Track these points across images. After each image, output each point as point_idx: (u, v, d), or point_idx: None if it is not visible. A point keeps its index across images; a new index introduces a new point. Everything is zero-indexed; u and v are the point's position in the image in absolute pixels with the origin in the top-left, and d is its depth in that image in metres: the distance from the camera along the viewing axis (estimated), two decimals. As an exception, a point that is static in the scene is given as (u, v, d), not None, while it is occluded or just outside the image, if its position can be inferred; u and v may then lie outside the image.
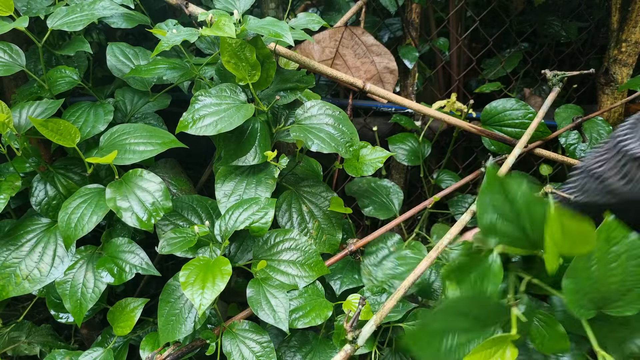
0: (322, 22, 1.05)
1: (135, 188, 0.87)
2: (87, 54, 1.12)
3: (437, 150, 1.65)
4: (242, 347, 0.89)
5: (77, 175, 1.00)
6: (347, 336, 0.77)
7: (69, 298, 0.91)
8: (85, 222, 0.85)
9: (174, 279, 0.91)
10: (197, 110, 0.90)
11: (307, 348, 0.95)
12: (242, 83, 0.92)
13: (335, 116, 0.97)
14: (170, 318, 0.88)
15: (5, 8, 0.88)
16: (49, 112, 0.93)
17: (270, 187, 0.95)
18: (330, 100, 1.40)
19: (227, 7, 0.99)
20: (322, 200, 1.06)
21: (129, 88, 1.10)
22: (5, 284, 0.92)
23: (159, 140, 0.90)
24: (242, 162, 0.95)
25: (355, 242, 1.06)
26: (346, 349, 0.77)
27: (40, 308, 1.32)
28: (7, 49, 0.95)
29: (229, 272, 0.80)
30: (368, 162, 1.05)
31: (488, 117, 1.26)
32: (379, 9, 1.53)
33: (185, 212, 1.00)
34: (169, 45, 0.89)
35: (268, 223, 0.90)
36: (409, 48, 1.40)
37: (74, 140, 0.87)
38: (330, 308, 0.90)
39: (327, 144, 0.93)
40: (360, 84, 1.14)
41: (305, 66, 1.10)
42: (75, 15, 0.91)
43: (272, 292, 0.88)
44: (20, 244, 0.95)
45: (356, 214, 1.73)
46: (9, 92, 1.10)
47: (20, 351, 1.14)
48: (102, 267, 0.91)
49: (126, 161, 0.87)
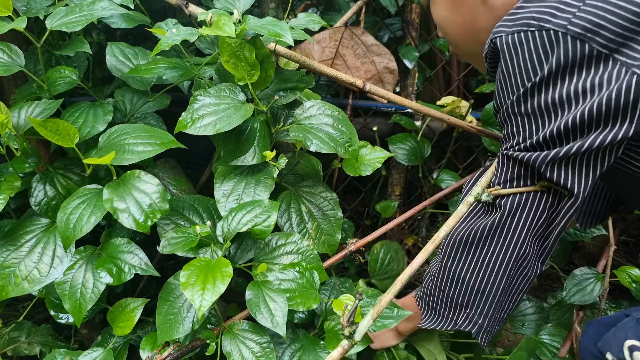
0: (322, 22, 1.05)
1: (133, 189, 0.87)
2: (86, 54, 1.12)
3: (437, 150, 1.65)
4: (241, 347, 0.89)
5: (76, 175, 1.00)
6: (344, 331, 0.75)
7: (68, 298, 0.91)
8: (84, 222, 0.85)
9: (174, 278, 0.91)
10: (196, 110, 0.90)
11: (296, 345, 0.95)
12: (241, 83, 0.92)
13: (334, 116, 0.97)
14: (168, 317, 0.88)
15: (4, 8, 0.88)
16: (48, 112, 0.93)
17: (269, 187, 0.95)
18: (330, 100, 1.40)
19: (227, 6, 0.99)
20: (321, 201, 1.06)
21: (129, 88, 1.10)
22: (5, 284, 0.92)
23: (158, 140, 0.90)
24: (241, 162, 0.95)
25: (355, 242, 1.06)
26: (343, 345, 0.76)
27: (40, 308, 1.32)
28: (6, 49, 0.95)
29: (230, 274, 0.80)
30: (367, 162, 1.05)
31: (488, 117, 1.26)
32: (379, 9, 1.53)
33: (187, 212, 1.00)
34: (168, 45, 0.88)
35: (271, 226, 0.90)
36: (409, 48, 1.40)
37: (73, 141, 0.87)
38: (317, 301, 0.89)
39: (326, 144, 0.93)
40: (360, 84, 1.14)
41: (305, 66, 1.09)
42: (74, 15, 0.91)
43: (272, 296, 0.87)
44: (19, 244, 0.94)
45: (356, 214, 1.73)
46: (8, 93, 1.10)
47: (20, 351, 1.14)
48: (102, 267, 0.91)
49: (125, 161, 0.86)
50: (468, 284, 0.88)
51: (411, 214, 1.12)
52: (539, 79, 0.69)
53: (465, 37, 0.87)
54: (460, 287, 0.90)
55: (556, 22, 0.66)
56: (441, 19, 0.88)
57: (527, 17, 0.69)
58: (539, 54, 0.68)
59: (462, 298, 0.90)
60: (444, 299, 0.93)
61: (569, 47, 0.65)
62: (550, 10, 0.67)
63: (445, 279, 0.92)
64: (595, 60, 0.64)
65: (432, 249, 0.83)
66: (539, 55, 0.68)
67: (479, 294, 0.88)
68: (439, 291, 0.94)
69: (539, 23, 0.67)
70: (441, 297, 0.94)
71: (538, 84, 0.70)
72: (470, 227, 0.87)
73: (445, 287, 0.92)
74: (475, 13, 0.82)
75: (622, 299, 1.31)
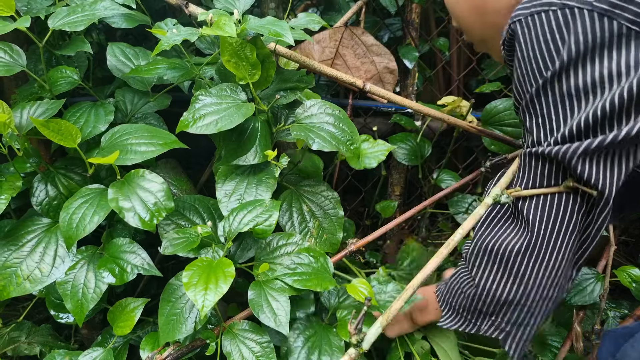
0: (322, 22, 1.05)
1: (138, 188, 0.87)
2: (87, 54, 1.12)
3: (437, 150, 1.65)
4: (242, 347, 0.89)
5: (77, 175, 1.00)
6: (352, 339, 0.75)
7: (70, 298, 0.91)
8: (87, 222, 0.85)
9: (175, 279, 0.91)
10: (197, 109, 0.90)
11: (310, 331, 0.95)
12: (242, 82, 0.93)
13: (335, 115, 0.98)
14: (170, 318, 0.88)
15: (6, 8, 0.88)
16: (50, 112, 0.93)
17: (271, 187, 0.95)
18: (330, 100, 1.39)
19: (227, 6, 1.00)
20: (322, 200, 1.06)
21: (129, 88, 1.10)
22: (6, 284, 0.92)
23: (161, 140, 0.90)
24: (242, 161, 0.95)
25: (355, 242, 1.06)
26: (350, 353, 0.76)
27: (40, 308, 1.32)
28: (7, 49, 0.95)
29: (232, 274, 0.80)
30: (370, 155, 1.05)
31: (488, 117, 1.26)
32: (379, 9, 1.53)
33: (187, 212, 1.00)
34: (169, 45, 0.89)
35: (272, 226, 0.90)
36: (409, 48, 1.40)
37: (75, 141, 0.87)
38: (333, 283, 0.88)
39: (328, 143, 0.93)
40: (360, 83, 1.14)
41: (305, 66, 1.10)
42: (76, 15, 0.91)
43: (274, 295, 0.88)
44: (21, 244, 0.94)
45: (356, 214, 1.73)
46: (9, 92, 1.10)
47: (20, 351, 1.14)
48: (104, 267, 0.91)
49: (128, 162, 0.87)
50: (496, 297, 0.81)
51: (411, 214, 1.12)
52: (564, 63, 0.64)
53: (477, 21, 0.83)
54: (487, 298, 0.82)
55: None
56: (452, 3, 0.85)
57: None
58: (562, 35, 0.64)
59: (488, 307, 0.84)
60: (469, 304, 0.87)
61: (597, 25, 0.61)
62: None
63: (472, 287, 0.85)
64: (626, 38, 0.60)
65: (446, 252, 0.81)
66: (562, 37, 0.64)
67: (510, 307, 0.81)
68: (464, 296, 0.87)
69: (562, 1, 0.63)
70: (466, 302, 0.87)
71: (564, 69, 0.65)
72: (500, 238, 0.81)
73: (471, 294, 0.85)
74: None
75: (622, 299, 1.31)
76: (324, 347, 0.92)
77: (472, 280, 0.84)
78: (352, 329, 0.74)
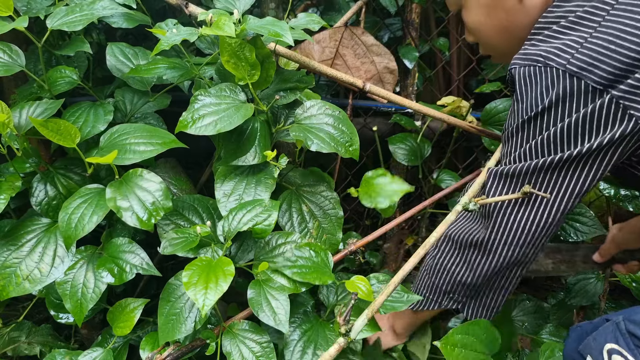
0: (322, 22, 1.05)
1: (136, 188, 0.87)
2: (86, 54, 1.12)
3: (437, 150, 1.65)
4: (241, 347, 0.89)
5: (77, 175, 1.00)
6: (340, 329, 0.79)
7: (69, 298, 0.91)
8: (86, 222, 0.85)
9: (175, 279, 0.91)
10: (196, 110, 0.90)
11: (307, 325, 0.95)
12: (241, 83, 0.92)
13: (335, 116, 0.97)
14: (170, 317, 0.88)
15: (5, 8, 0.88)
16: (49, 112, 0.93)
17: (270, 187, 0.95)
18: (330, 100, 1.40)
19: (227, 6, 0.99)
20: (322, 200, 1.06)
21: (129, 88, 1.10)
22: (6, 284, 0.92)
23: (160, 140, 0.90)
24: (241, 161, 0.95)
25: (355, 242, 1.06)
26: (339, 342, 0.78)
27: (40, 308, 1.32)
28: (6, 49, 0.95)
29: (232, 273, 0.80)
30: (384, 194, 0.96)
31: (488, 117, 1.26)
32: (379, 9, 1.53)
33: (187, 212, 1.00)
34: (168, 45, 0.88)
35: (271, 225, 0.90)
36: (409, 48, 1.40)
37: (74, 141, 0.87)
38: (332, 278, 0.90)
39: (327, 144, 0.93)
40: (360, 84, 1.14)
41: (305, 66, 1.10)
42: (75, 15, 0.91)
43: (273, 294, 0.88)
44: (20, 244, 0.94)
45: (356, 214, 1.73)
46: (8, 92, 1.10)
47: (20, 351, 1.14)
48: (103, 267, 0.91)
49: (127, 161, 0.86)
50: (452, 277, 0.99)
51: (411, 214, 1.12)
52: (541, 109, 0.78)
53: (501, 39, 0.92)
54: (446, 277, 1.00)
55: (558, 60, 0.74)
56: (476, 24, 0.93)
57: (537, 54, 0.77)
58: (541, 87, 0.77)
59: (447, 286, 1.01)
60: (431, 285, 1.04)
61: (567, 83, 0.74)
62: (555, 50, 0.75)
63: (432, 269, 1.02)
64: (591, 94, 0.72)
65: (423, 253, 0.86)
66: (542, 88, 0.77)
67: (464, 287, 0.99)
68: (427, 278, 1.04)
69: (545, 60, 0.76)
70: (428, 281, 1.04)
71: (540, 114, 0.78)
72: (466, 231, 0.96)
73: (432, 275, 1.03)
74: (512, 15, 0.87)
75: (622, 298, 1.31)
76: (319, 342, 0.93)
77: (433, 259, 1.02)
78: (341, 320, 0.79)
